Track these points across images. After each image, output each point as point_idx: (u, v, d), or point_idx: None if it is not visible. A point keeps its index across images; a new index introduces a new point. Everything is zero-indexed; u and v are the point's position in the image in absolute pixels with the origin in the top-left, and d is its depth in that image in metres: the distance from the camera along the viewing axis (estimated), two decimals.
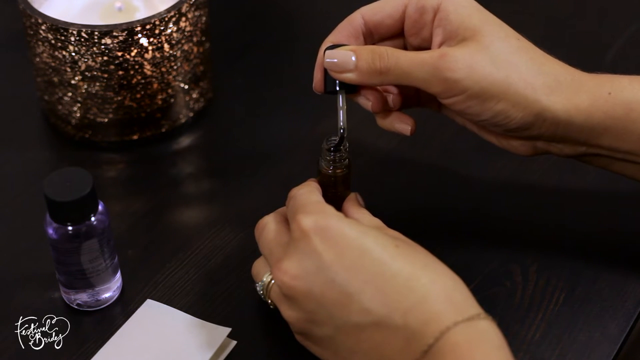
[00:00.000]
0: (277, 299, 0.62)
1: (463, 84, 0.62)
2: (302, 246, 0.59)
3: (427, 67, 0.62)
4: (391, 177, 0.79)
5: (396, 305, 0.57)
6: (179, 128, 0.83)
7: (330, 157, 0.67)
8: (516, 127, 0.64)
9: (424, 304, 0.57)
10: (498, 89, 0.62)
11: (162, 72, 0.79)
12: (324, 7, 0.99)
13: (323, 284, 0.58)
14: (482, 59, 0.62)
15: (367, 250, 0.58)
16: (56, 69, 0.78)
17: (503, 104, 0.63)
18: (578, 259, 0.71)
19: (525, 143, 0.67)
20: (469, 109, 0.63)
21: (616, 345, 0.67)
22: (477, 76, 0.62)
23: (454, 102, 0.63)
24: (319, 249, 0.59)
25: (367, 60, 0.64)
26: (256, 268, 0.66)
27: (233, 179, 0.80)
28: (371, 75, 0.64)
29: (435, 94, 0.64)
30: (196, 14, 0.79)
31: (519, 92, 0.63)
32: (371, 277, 0.58)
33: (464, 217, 0.75)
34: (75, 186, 0.63)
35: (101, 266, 0.67)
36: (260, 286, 0.64)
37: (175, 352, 0.65)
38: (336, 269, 0.58)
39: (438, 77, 0.62)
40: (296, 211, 0.61)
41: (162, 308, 0.68)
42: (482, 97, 0.62)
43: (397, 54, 0.64)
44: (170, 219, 0.77)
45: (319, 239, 0.59)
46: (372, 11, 0.67)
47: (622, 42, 0.93)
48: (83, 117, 0.80)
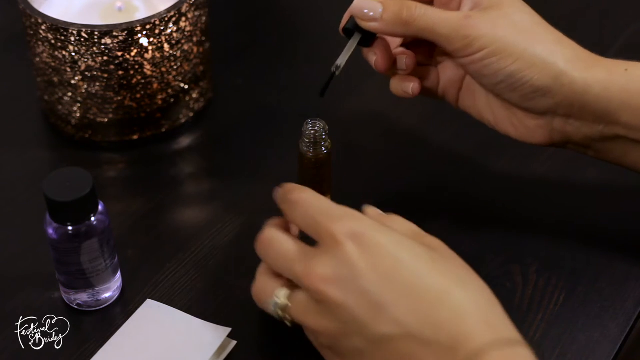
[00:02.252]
0: (303, 312, 0.60)
1: (482, 41, 0.65)
2: (335, 253, 0.58)
3: (450, 23, 0.66)
4: (391, 177, 0.79)
5: (428, 319, 0.56)
6: (179, 128, 0.83)
7: (311, 139, 0.70)
8: (533, 90, 0.65)
9: (457, 320, 0.55)
10: (515, 49, 0.65)
11: (162, 72, 0.79)
12: (324, 7, 0.99)
13: (357, 292, 0.57)
14: (503, 22, 0.66)
15: (401, 261, 0.57)
16: (56, 69, 0.78)
17: (520, 64, 0.65)
18: (578, 259, 0.71)
19: (542, 124, 0.67)
20: (485, 68, 0.65)
21: (616, 345, 0.67)
22: (496, 35, 0.65)
23: (471, 61, 0.66)
24: (354, 257, 0.57)
25: (394, 11, 0.66)
26: (260, 288, 0.63)
27: (233, 179, 0.80)
28: (395, 24, 0.67)
29: (454, 51, 0.66)
30: (196, 14, 0.79)
31: (537, 54, 0.65)
32: (405, 288, 0.57)
33: (464, 217, 0.75)
34: (75, 186, 0.63)
35: (101, 266, 0.67)
36: (274, 305, 0.61)
37: (175, 352, 0.65)
38: (370, 278, 0.57)
39: (459, 33, 0.65)
40: (322, 218, 0.60)
41: (162, 308, 0.68)
42: (499, 55, 0.65)
43: (424, 7, 0.66)
44: (170, 219, 0.77)
45: (354, 247, 0.58)
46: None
47: (622, 42, 0.93)
48: (83, 117, 0.80)
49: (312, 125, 0.71)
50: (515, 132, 0.69)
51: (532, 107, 0.67)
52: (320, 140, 0.71)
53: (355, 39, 0.69)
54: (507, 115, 0.69)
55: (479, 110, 0.71)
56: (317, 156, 0.72)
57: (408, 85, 0.71)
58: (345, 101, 0.86)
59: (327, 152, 0.72)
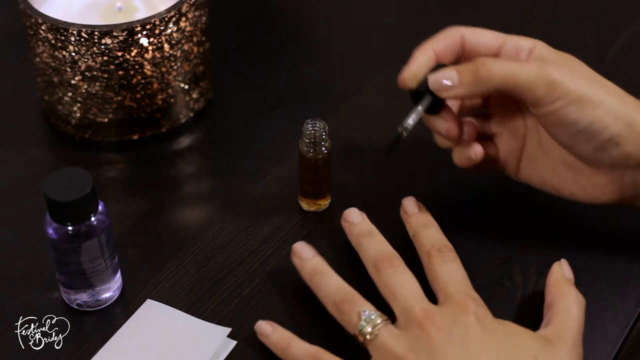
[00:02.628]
0: (394, 335, 0.62)
1: (565, 86, 0.65)
2: (457, 317, 0.62)
3: (531, 69, 0.66)
4: (391, 178, 0.79)
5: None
6: (179, 128, 0.83)
7: (311, 139, 0.71)
8: (608, 138, 0.66)
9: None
10: (595, 95, 0.66)
11: (162, 72, 0.79)
12: (324, 7, 0.99)
13: (458, 348, 0.61)
14: (578, 72, 0.67)
15: (512, 335, 0.62)
16: (56, 69, 0.78)
17: (600, 111, 0.66)
18: (578, 259, 0.71)
19: (613, 179, 0.68)
20: (566, 116, 0.66)
21: (616, 345, 0.67)
22: (576, 80, 0.66)
23: (554, 109, 0.66)
24: (470, 325, 0.62)
25: (469, 71, 0.67)
26: (348, 296, 0.65)
27: (233, 179, 0.80)
28: (476, 84, 0.67)
29: (537, 99, 0.66)
30: (196, 14, 0.79)
31: (613, 102, 0.66)
32: (505, 358, 0.60)
33: (464, 217, 0.75)
34: (75, 186, 0.63)
35: (101, 266, 0.67)
36: (367, 316, 0.63)
37: (175, 352, 0.65)
38: (476, 344, 0.61)
39: (542, 80, 0.65)
40: (462, 286, 0.65)
41: (162, 308, 0.68)
42: (581, 102, 0.65)
43: (501, 60, 0.67)
44: (170, 219, 0.77)
45: (474, 319, 0.62)
46: (472, 35, 0.71)
47: (622, 42, 0.93)
48: (83, 117, 0.80)
49: (312, 125, 0.71)
50: (583, 193, 0.70)
51: (604, 158, 0.67)
52: (320, 140, 0.71)
53: (425, 102, 0.69)
54: (573, 177, 0.70)
55: (541, 177, 0.71)
56: (317, 156, 0.72)
57: (470, 151, 0.71)
58: (345, 101, 0.86)
59: (327, 152, 0.72)
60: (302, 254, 0.69)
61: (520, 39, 0.70)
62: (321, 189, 0.74)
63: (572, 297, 0.65)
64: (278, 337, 0.65)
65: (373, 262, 0.67)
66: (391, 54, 0.92)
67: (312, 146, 0.72)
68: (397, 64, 0.91)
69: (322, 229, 0.74)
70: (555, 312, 0.64)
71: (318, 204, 0.75)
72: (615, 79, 0.88)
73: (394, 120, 0.84)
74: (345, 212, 0.72)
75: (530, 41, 0.70)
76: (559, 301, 0.65)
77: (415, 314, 0.63)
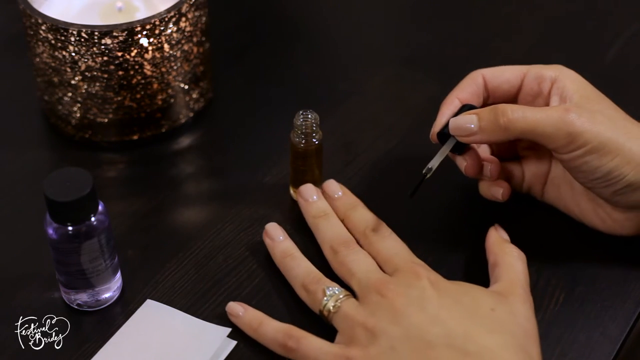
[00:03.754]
0: (355, 307, 0.64)
1: (585, 137, 0.65)
2: (411, 282, 0.64)
3: (552, 120, 0.66)
4: (391, 177, 0.79)
5: (476, 335, 0.61)
6: (179, 128, 0.83)
7: (303, 130, 0.72)
8: (625, 185, 0.66)
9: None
10: (615, 144, 0.65)
11: (162, 72, 0.79)
12: (324, 7, 0.99)
13: (417, 306, 0.63)
14: (601, 117, 0.66)
15: (466, 292, 0.64)
16: (56, 69, 0.78)
17: (619, 160, 0.65)
18: (578, 259, 0.71)
19: (631, 217, 0.69)
20: (585, 164, 0.66)
21: (616, 345, 0.67)
22: (597, 130, 0.65)
23: (573, 157, 0.66)
24: (426, 288, 0.64)
25: (489, 119, 0.67)
26: (312, 275, 0.68)
27: (233, 179, 0.80)
28: (495, 131, 0.67)
29: (556, 148, 0.67)
30: (196, 14, 0.79)
31: (633, 150, 0.65)
32: (465, 313, 0.62)
33: (464, 217, 0.75)
34: (75, 186, 0.63)
35: (101, 266, 0.67)
36: (331, 293, 0.66)
37: (175, 352, 0.65)
38: (435, 302, 0.63)
39: (562, 130, 0.65)
40: (407, 257, 0.68)
41: (162, 308, 0.68)
42: (600, 151, 0.65)
43: (520, 109, 0.67)
44: (170, 219, 0.77)
45: (428, 282, 0.64)
46: (493, 74, 0.72)
47: (622, 42, 0.93)
48: (83, 117, 0.80)
49: (303, 116, 0.72)
50: (602, 224, 0.71)
51: (622, 201, 0.68)
52: (311, 132, 0.72)
53: (449, 144, 0.70)
54: (593, 208, 0.70)
55: (565, 203, 0.72)
56: (308, 147, 0.72)
57: (498, 191, 0.72)
58: (345, 101, 0.86)
59: (319, 143, 0.73)
60: (273, 234, 0.71)
61: (543, 68, 0.71)
62: (312, 179, 0.74)
63: (515, 254, 0.68)
64: (250, 317, 0.67)
65: (330, 244, 0.70)
66: (391, 54, 0.92)
67: (304, 137, 0.72)
68: (397, 64, 0.91)
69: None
70: (501, 269, 0.67)
71: None
72: (615, 79, 0.89)
73: (394, 120, 0.84)
74: (302, 187, 0.74)
75: (552, 70, 0.70)
76: (502, 259, 0.68)
77: (372, 282, 0.65)
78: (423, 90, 0.87)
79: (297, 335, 0.64)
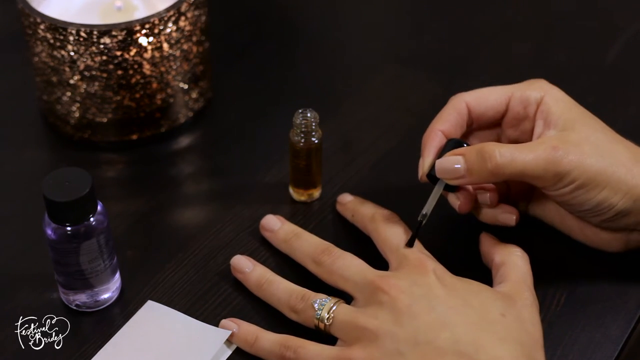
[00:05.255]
0: (353, 311, 0.63)
1: (573, 175, 0.65)
2: (416, 277, 0.63)
3: (539, 162, 0.65)
4: (391, 177, 0.79)
5: (487, 344, 0.60)
6: (178, 128, 0.83)
7: (302, 129, 0.71)
8: (615, 214, 0.66)
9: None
10: (602, 177, 0.65)
11: (162, 72, 0.79)
12: (324, 7, 0.99)
13: (425, 306, 0.61)
14: (588, 149, 0.65)
15: (475, 293, 0.63)
16: (55, 68, 0.78)
17: (606, 192, 0.65)
18: (579, 259, 0.71)
19: (619, 237, 0.69)
20: (574, 199, 0.66)
21: (618, 346, 0.66)
22: (584, 166, 0.65)
23: (561, 194, 0.66)
24: (432, 284, 0.63)
25: (475, 162, 0.66)
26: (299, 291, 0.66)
27: (233, 179, 0.79)
28: (482, 176, 0.66)
29: (545, 187, 0.66)
30: (195, 13, 0.79)
31: (621, 179, 0.65)
32: (475, 318, 0.61)
33: (464, 217, 0.75)
34: (74, 186, 0.63)
35: (100, 267, 0.67)
36: (321, 304, 0.64)
37: (175, 353, 0.65)
38: (443, 303, 0.62)
39: (550, 171, 0.65)
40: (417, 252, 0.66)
41: (162, 309, 0.68)
42: (588, 186, 0.65)
43: (507, 151, 0.65)
44: (170, 219, 0.77)
45: (434, 278, 0.63)
46: (477, 101, 0.70)
47: (622, 42, 0.92)
48: (82, 117, 0.80)
49: (302, 115, 0.71)
50: (589, 241, 0.70)
51: (611, 226, 0.68)
52: (311, 130, 0.72)
53: (439, 186, 0.68)
54: (579, 227, 0.70)
55: (551, 219, 0.72)
56: (308, 146, 0.72)
57: (509, 218, 0.70)
58: (346, 101, 0.86)
59: (318, 142, 0.72)
60: (242, 267, 0.70)
61: (527, 88, 0.69)
62: (312, 178, 0.74)
63: (519, 253, 0.67)
64: (244, 332, 0.66)
65: (310, 258, 0.68)
66: (391, 54, 0.92)
67: (303, 136, 0.72)
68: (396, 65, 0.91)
69: (322, 229, 0.74)
70: (507, 269, 0.66)
71: (309, 193, 0.75)
72: (615, 79, 0.89)
73: (394, 120, 0.84)
74: (263, 220, 0.73)
75: (537, 90, 0.69)
76: (509, 258, 0.67)
77: (372, 282, 0.64)
78: (423, 90, 0.87)
79: (294, 344, 0.63)
